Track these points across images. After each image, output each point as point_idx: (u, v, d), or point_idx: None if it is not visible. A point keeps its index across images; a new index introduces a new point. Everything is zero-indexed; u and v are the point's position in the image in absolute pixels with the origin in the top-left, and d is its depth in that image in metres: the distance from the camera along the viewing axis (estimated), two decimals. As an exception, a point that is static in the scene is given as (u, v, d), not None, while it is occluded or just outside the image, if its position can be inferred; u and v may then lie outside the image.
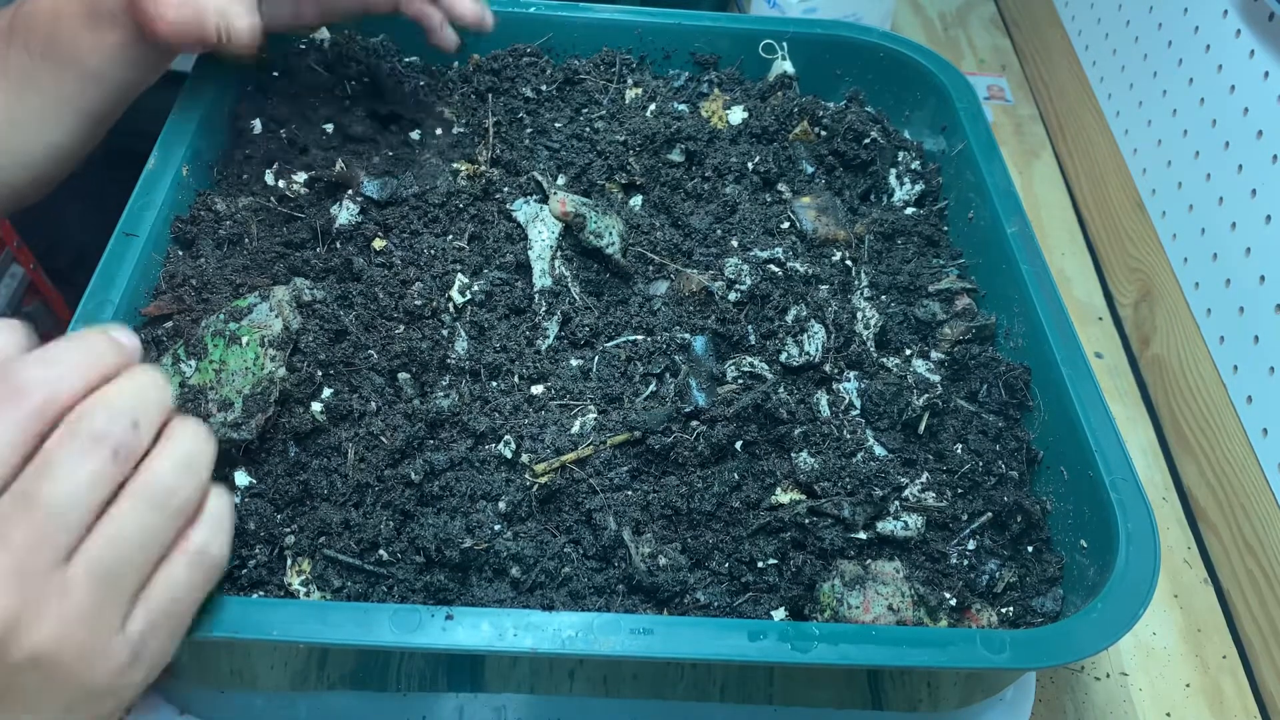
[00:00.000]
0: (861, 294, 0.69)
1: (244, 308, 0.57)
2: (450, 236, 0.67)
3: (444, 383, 0.60)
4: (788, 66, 0.84)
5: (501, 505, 0.55)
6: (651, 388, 0.60)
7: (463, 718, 0.59)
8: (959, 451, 0.62)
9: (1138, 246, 0.99)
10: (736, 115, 0.80)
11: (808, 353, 0.63)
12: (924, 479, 0.59)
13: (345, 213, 0.67)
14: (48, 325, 1.16)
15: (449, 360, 0.60)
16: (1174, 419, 0.89)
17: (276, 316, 0.57)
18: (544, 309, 0.64)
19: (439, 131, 0.76)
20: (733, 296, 0.65)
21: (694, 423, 0.58)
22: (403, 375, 0.59)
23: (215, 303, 0.60)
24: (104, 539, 0.41)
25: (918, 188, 0.79)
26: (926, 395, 0.63)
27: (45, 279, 1.18)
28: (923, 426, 0.62)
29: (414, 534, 0.53)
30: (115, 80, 0.69)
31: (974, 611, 0.56)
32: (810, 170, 0.77)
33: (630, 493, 0.57)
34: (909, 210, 0.78)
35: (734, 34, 0.85)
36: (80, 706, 0.42)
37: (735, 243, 0.69)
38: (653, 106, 0.79)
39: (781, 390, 0.61)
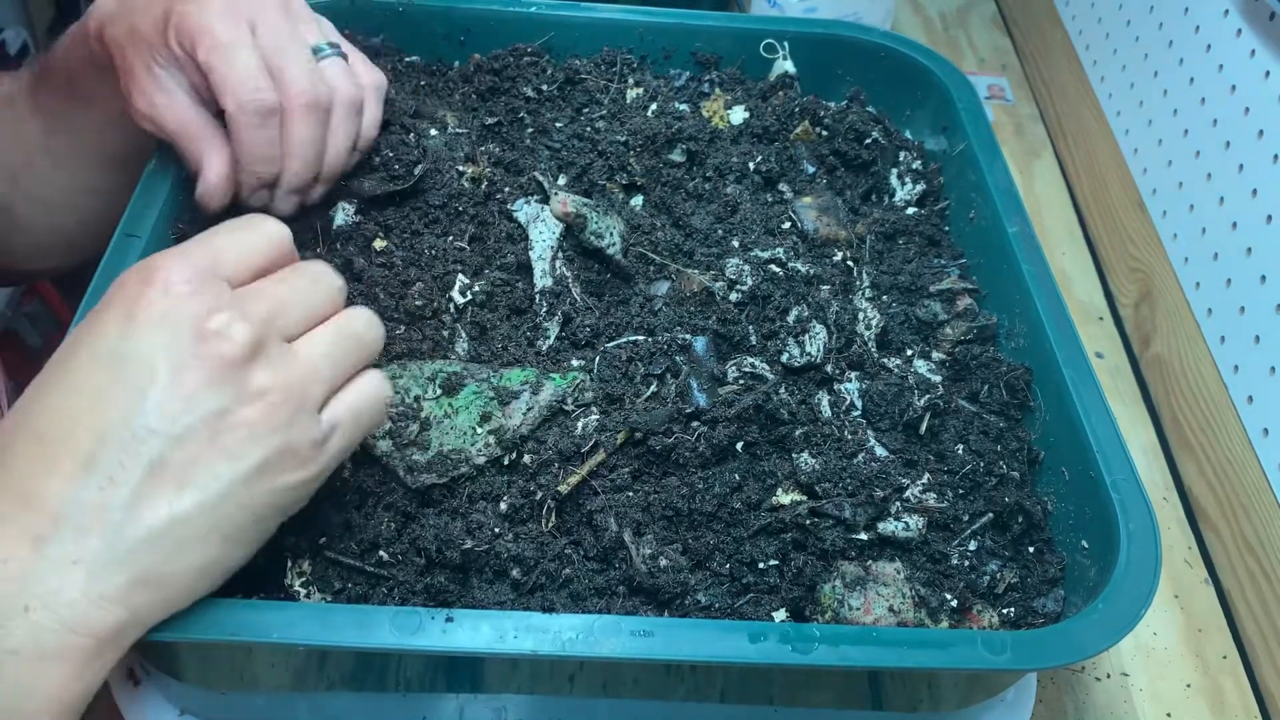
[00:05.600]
0: (863, 294, 0.69)
1: (244, 308, 0.57)
2: (451, 237, 0.67)
3: (444, 383, 0.60)
4: (789, 66, 0.84)
5: (502, 506, 0.54)
6: (652, 388, 0.60)
7: (463, 718, 0.59)
8: (960, 452, 0.62)
9: (1138, 246, 0.99)
10: (737, 115, 0.80)
11: (809, 353, 0.63)
12: (925, 480, 0.59)
13: (342, 213, 0.67)
14: (48, 326, 1.16)
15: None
16: (1174, 419, 0.89)
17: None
18: (545, 309, 0.64)
19: (439, 131, 0.76)
20: (734, 297, 0.65)
21: (695, 423, 0.58)
22: (403, 376, 0.59)
23: (215, 303, 0.60)
24: (330, 328, 0.48)
25: (919, 188, 0.79)
26: (928, 396, 0.63)
27: (45, 279, 1.17)
28: (924, 427, 0.62)
29: (414, 535, 0.53)
30: (131, 123, 0.69)
31: (975, 612, 0.56)
32: (811, 170, 0.77)
33: (631, 494, 0.56)
34: (910, 210, 0.78)
35: (735, 34, 0.85)
36: (274, 468, 0.45)
37: (736, 243, 0.69)
38: (653, 106, 0.79)
39: (782, 391, 0.61)
